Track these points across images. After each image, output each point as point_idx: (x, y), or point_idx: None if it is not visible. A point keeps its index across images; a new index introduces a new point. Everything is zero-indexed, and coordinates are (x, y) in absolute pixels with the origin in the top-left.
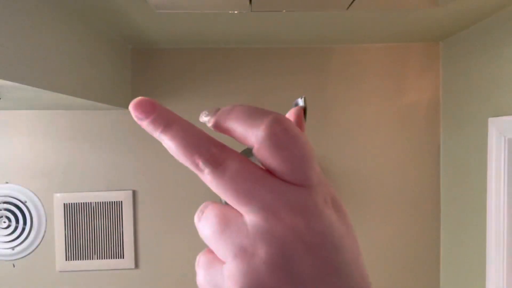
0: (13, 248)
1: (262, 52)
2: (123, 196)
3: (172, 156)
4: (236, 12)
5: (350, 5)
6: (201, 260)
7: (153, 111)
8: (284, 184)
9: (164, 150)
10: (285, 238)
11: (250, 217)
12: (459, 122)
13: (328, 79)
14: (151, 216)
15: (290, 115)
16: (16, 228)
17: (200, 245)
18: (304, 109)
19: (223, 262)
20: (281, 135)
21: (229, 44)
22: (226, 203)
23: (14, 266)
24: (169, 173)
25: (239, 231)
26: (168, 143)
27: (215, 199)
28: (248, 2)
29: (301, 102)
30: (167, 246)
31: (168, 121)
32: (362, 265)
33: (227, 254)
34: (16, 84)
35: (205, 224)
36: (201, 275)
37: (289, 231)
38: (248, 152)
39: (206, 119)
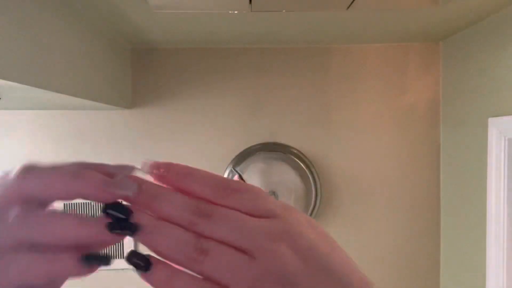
0: None
1: (262, 52)
2: None
3: (171, 157)
4: (236, 12)
5: (350, 5)
6: None
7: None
8: (258, 220)
9: (165, 151)
10: (286, 263)
11: (253, 261)
12: (459, 122)
13: (327, 79)
14: None
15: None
16: None
17: None
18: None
19: None
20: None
21: (229, 44)
22: None
23: None
24: None
25: (248, 271)
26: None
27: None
28: (248, 2)
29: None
30: None
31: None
32: (354, 265)
33: None
34: (16, 84)
35: (216, 267)
36: None
37: (285, 256)
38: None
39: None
